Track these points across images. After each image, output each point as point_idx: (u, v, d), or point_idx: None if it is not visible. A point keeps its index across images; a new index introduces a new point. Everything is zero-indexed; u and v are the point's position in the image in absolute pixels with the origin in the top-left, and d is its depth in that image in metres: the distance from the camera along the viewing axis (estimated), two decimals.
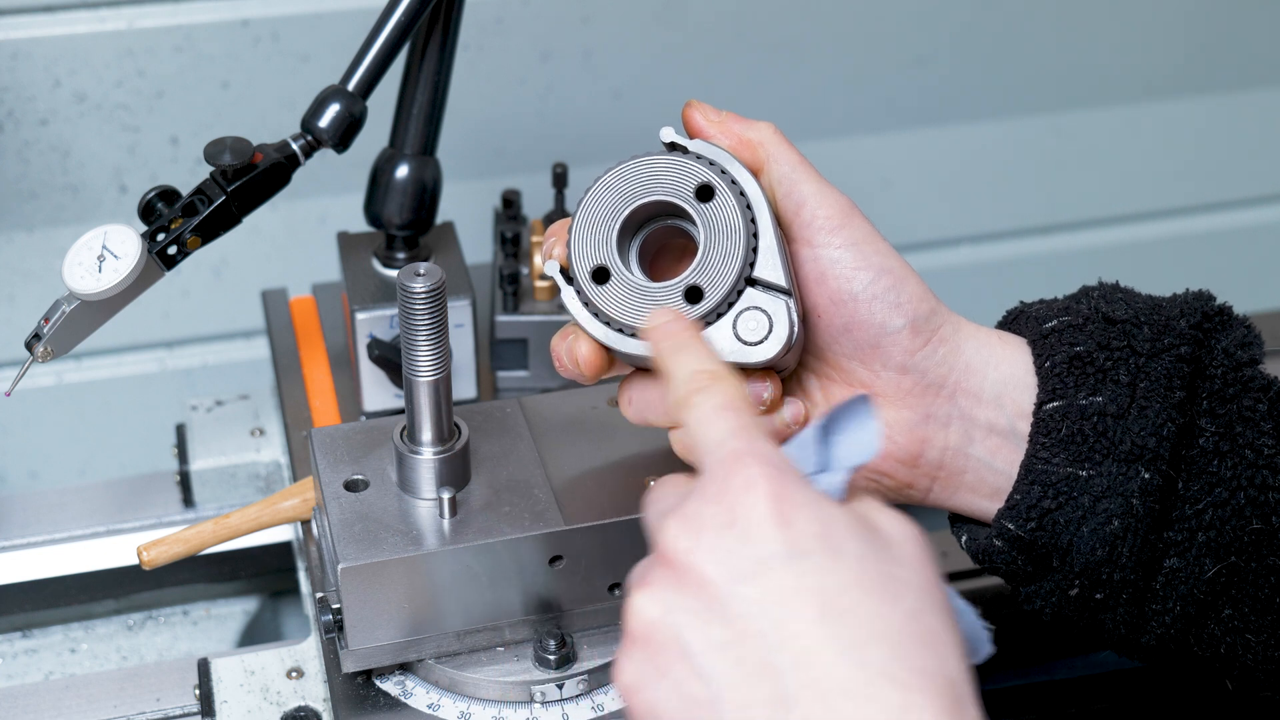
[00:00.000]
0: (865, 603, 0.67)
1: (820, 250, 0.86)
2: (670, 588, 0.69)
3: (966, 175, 1.66)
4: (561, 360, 0.87)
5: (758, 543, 0.67)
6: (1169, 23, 1.63)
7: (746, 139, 0.87)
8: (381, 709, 0.95)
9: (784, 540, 0.67)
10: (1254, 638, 0.86)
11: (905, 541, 0.70)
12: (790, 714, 0.65)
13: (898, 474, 0.88)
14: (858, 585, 0.67)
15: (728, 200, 0.83)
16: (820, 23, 1.52)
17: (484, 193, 1.44)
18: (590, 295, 0.84)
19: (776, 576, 0.67)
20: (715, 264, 0.83)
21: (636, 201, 0.84)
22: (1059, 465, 0.85)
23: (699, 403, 0.74)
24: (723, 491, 0.69)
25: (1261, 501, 0.85)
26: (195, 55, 1.39)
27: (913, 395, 0.87)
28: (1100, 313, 0.88)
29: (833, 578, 0.67)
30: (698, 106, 0.88)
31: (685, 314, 0.83)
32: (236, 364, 1.53)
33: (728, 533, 0.68)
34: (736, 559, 0.67)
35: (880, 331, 0.86)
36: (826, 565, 0.67)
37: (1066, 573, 0.86)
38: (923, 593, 0.69)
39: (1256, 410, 0.86)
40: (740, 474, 0.69)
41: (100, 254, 0.98)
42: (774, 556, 0.67)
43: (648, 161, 0.85)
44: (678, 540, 0.69)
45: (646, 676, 0.69)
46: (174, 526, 1.18)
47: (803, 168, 0.87)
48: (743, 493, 0.69)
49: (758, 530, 0.68)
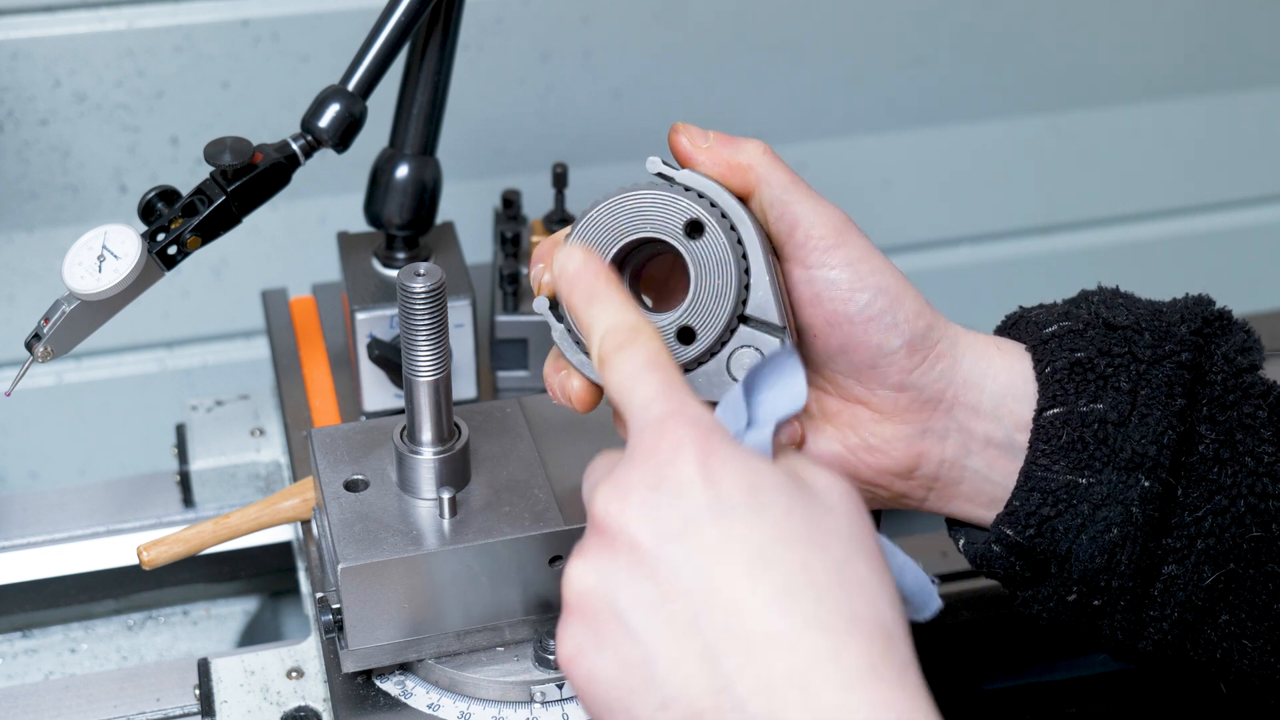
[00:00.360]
0: (792, 553, 0.67)
1: (815, 271, 0.85)
2: (602, 554, 0.69)
3: (966, 175, 1.66)
4: (554, 393, 0.87)
5: (684, 501, 0.68)
6: (1169, 23, 1.63)
7: (735, 163, 0.85)
8: (381, 709, 0.95)
9: (710, 497, 0.68)
10: (1251, 644, 0.86)
11: (833, 492, 0.71)
12: (720, 666, 0.65)
13: (893, 486, 0.88)
14: (785, 537, 0.68)
15: (717, 236, 0.82)
16: (820, 23, 1.52)
17: (484, 193, 1.44)
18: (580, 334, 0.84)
19: (703, 532, 0.67)
20: (707, 304, 0.82)
21: (625, 239, 0.83)
22: (1059, 472, 0.84)
23: (620, 362, 0.73)
24: (651, 453, 0.69)
25: (1261, 509, 0.84)
26: (195, 55, 1.39)
27: (910, 411, 0.86)
28: (1101, 318, 0.87)
29: (759, 531, 0.67)
30: (684, 130, 0.86)
31: (678, 354, 0.82)
32: (236, 364, 1.53)
33: (654, 493, 0.68)
34: (664, 518, 0.68)
35: (877, 353, 0.85)
36: (752, 520, 0.68)
37: (1065, 579, 0.86)
38: (852, 541, 0.69)
39: (1256, 417, 0.85)
40: (668, 436, 0.69)
41: (100, 254, 0.98)
42: (700, 513, 0.67)
43: (635, 197, 0.83)
44: (608, 505, 0.69)
45: (585, 645, 0.69)
46: (174, 526, 1.18)
47: (794, 188, 0.85)
48: (671, 454, 0.69)
49: (684, 489, 0.68)
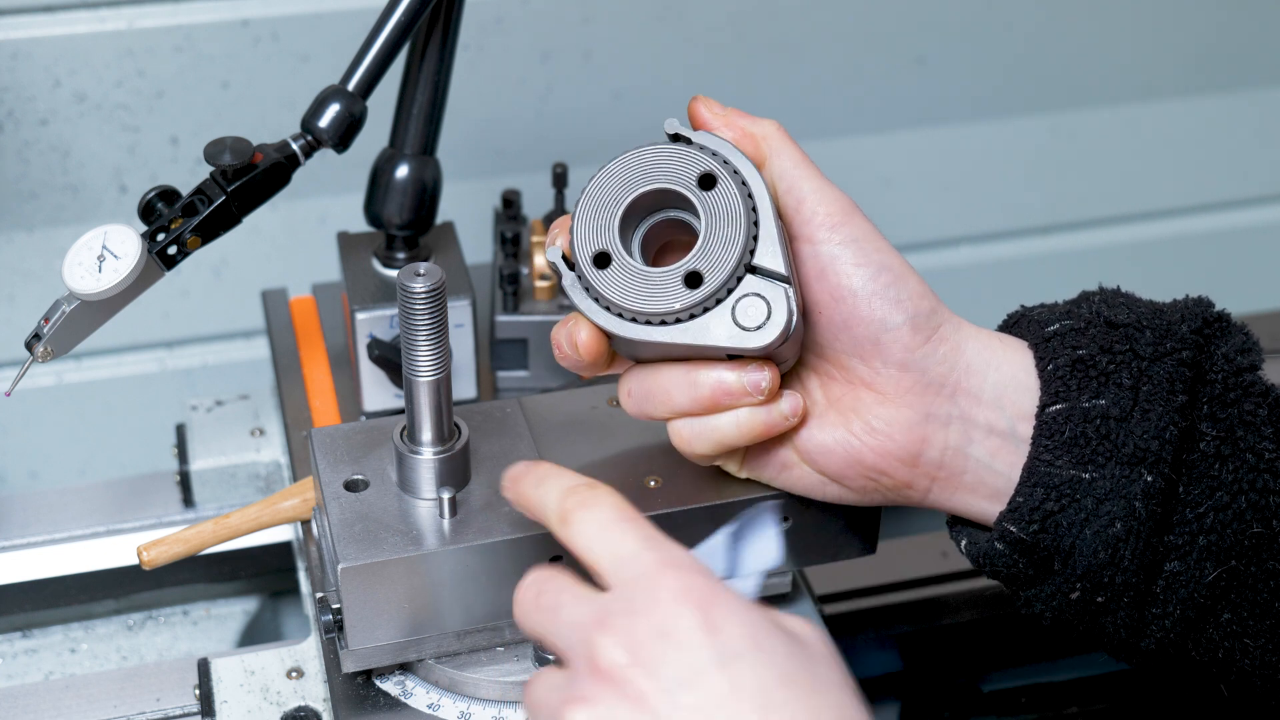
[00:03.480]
0: (798, 696, 0.70)
1: (820, 247, 0.86)
2: (608, 704, 0.71)
3: (966, 175, 1.66)
4: (561, 347, 0.87)
5: (691, 651, 0.71)
6: (1169, 23, 1.63)
7: (750, 133, 0.87)
8: (381, 709, 0.95)
9: (715, 646, 0.71)
10: (1252, 642, 0.87)
11: (814, 639, 0.75)
12: None
13: (897, 473, 0.88)
14: (789, 681, 0.71)
15: (729, 188, 0.84)
16: (820, 23, 1.53)
17: (484, 193, 1.44)
18: (591, 280, 0.85)
19: (711, 680, 0.70)
20: (716, 250, 0.84)
21: (639, 189, 0.85)
22: (1062, 468, 0.85)
23: (587, 516, 0.77)
24: (652, 604, 0.72)
25: (1262, 505, 0.85)
26: (195, 55, 1.39)
27: (913, 393, 0.87)
28: (1102, 317, 0.88)
29: (765, 676, 0.71)
30: (703, 101, 0.88)
31: (685, 299, 0.83)
32: (236, 364, 1.53)
33: (661, 644, 0.71)
34: (672, 668, 0.70)
35: (880, 328, 0.86)
36: (757, 667, 0.71)
37: (1068, 576, 0.86)
38: (842, 687, 0.73)
39: (1257, 415, 0.86)
40: (666, 586, 0.73)
41: (100, 254, 0.98)
42: (707, 663, 0.70)
43: (651, 150, 0.85)
44: (613, 654, 0.72)
45: None
46: (174, 526, 1.18)
47: (804, 165, 0.87)
48: (672, 604, 0.72)
49: (690, 638, 0.71)
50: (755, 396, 0.86)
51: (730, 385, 0.86)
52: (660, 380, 0.87)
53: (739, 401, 0.86)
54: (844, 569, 1.03)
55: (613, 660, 0.71)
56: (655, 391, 0.88)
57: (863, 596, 1.20)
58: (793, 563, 0.97)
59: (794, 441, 0.89)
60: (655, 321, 0.84)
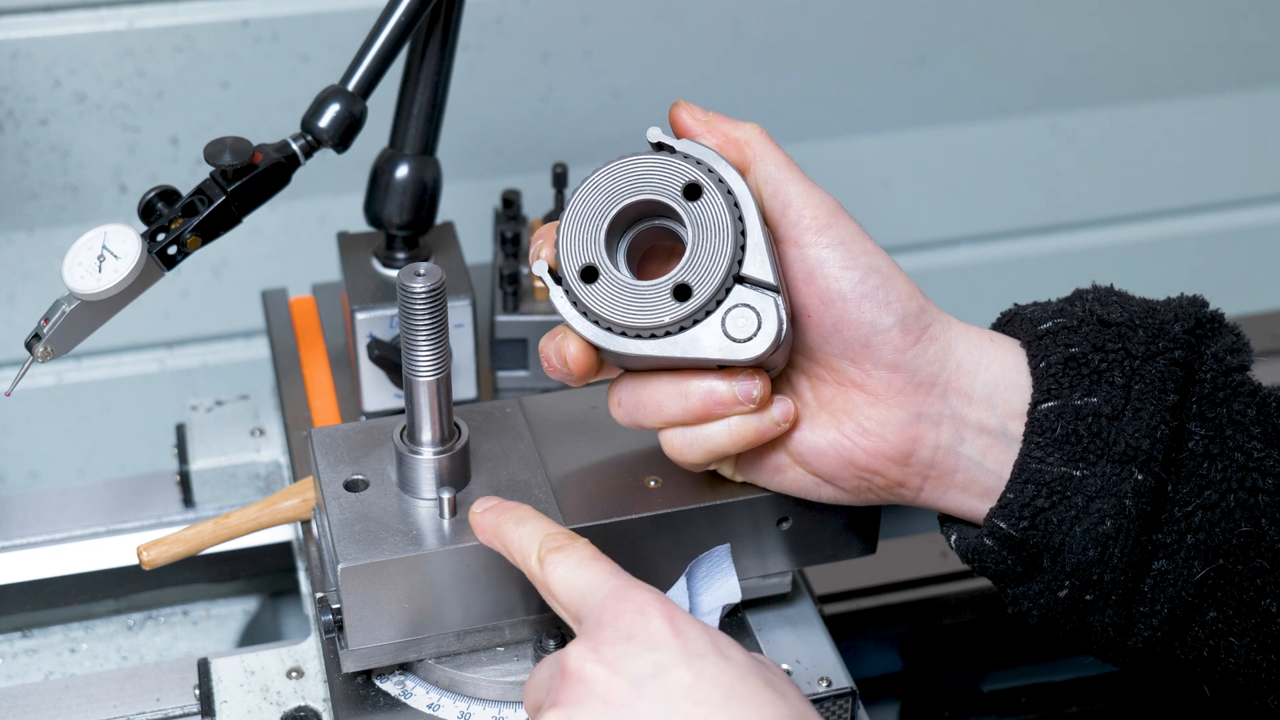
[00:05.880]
0: (757, 691, 0.75)
1: (808, 250, 0.86)
2: (575, 702, 0.76)
3: (966, 175, 1.66)
4: (550, 360, 0.87)
5: (656, 650, 0.76)
6: (1169, 23, 1.63)
7: (733, 138, 0.87)
8: (381, 709, 0.95)
9: (680, 645, 0.76)
10: (1237, 641, 0.87)
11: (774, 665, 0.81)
12: None
13: (890, 473, 0.88)
14: (750, 678, 0.76)
15: (715, 199, 0.83)
16: (820, 23, 1.53)
17: (484, 193, 1.44)
18: (579, 294, 0.84)
19: (676, 674, 0.75)
20: (703, 262, 0.83)
21: (624, 201, 0.84)
22: (1053, 465, 0.85)
23: (561, 558, 0.83)
24: (618, 615, 0.78)
25: (1250, 504, 0.85)
26: (195, 55, 1.39)
27: (904, 394, 0.87)
28: (1095, 315, 0.88)
29: (728, 671, 0.76)
30: (685, 107, 0.88)
31: (674, 312, 0.83)
32: (236, 364, 1.53)
33: (628, 644, 0.76)
34: (637, 664, 0.75)
35: (870, 330, 0.86)
36: (721, 664, 0.76)
37: (1057, 573, 0.86)
38: (801, 697, 0.78)
39: (1246, 415, 0.86)
40: (633, 599, 0.78)
41: (100, 254, 0.98)
42: (672, 659, 0.76)
43: (635, 161, 0.85)
44: (582, 659, 0.77)
45: None
46: (174, 526, 1.18)
47: (789, 168, 0.86)
48: (638, 612, 0.78)
49: (656, 639, 0.76)
50: (747, 405, 0.86)
51: (721, 395, 0.86)
52: (650, 391, 0.87)
53: (730, 411, 0.86)
54: (844, 569, 1.03)
55: (580, 661, 0.76)
56: (646, 402, 0.88)
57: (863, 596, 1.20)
58: (793, 563, 0.97)
59: (787, 444, 0.89)
60: (645, 335, 0.84)
